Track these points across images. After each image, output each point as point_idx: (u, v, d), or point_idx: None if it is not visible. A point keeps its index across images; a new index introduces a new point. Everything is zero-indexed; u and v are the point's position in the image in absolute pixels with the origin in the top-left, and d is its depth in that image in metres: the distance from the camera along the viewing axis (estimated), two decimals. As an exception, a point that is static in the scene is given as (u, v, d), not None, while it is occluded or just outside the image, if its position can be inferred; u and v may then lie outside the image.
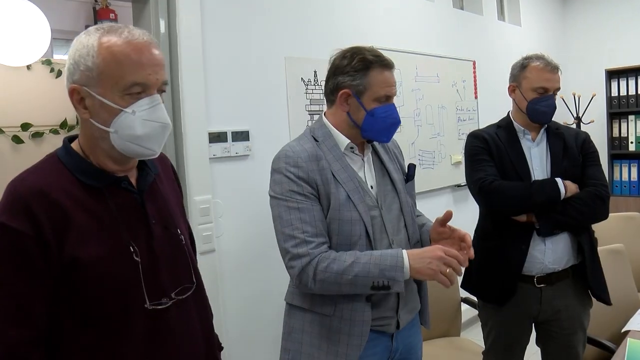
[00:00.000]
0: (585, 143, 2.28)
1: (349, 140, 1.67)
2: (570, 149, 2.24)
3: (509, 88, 2.30)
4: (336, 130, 1.68)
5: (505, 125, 2.31)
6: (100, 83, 1.12)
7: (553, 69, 2.19)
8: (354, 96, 1.63)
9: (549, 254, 2.15)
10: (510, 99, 2.33)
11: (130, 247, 1.17)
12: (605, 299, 2.22)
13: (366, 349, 1.63)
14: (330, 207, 1.60)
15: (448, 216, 1.67)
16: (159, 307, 1.20)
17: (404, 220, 1.74)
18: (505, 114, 2.38)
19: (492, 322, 2.33)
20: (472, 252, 1.61)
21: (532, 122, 2.23)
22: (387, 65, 1.64)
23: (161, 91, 1.19)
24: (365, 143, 1.73)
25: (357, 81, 1.62)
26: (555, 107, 2.22)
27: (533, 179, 2.18)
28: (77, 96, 1.14)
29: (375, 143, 1.77)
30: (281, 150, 1.66)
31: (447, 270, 1.50)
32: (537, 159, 2.23)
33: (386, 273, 1.50)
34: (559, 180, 2.12)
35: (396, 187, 1.74)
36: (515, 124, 2.29)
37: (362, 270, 1.51)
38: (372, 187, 1.70)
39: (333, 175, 1.62)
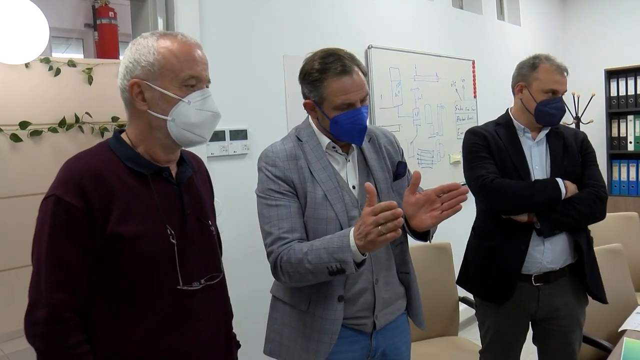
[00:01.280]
0: (584, 143, 2.28)
1: (330, 140, 1.68)
2: (570, 148, 2.23)
3: (516, 87, 2.26)
4: (318, 131, 1.70)
5: (504, 122, 2.29)
6: (160, 76, 1.27)
7: (563, 71, 2.18)
8: (316, 105, 1.64)
9: (548, 253, 2.15)
10: (511, 97, 2.32)
11: (168, 230, 1.29)
12: (601, 297, 2.22)
13: (344, 345, 1.65)
14: (307, 205, 1.62)
15: (417, 179, 1.56)
16: (190, 289, 1.32)
17: None
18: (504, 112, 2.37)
19: (490, 321, 2.32)
20: (463, 189, 1.52)
21: (539, 123, 2.21)
22: (342, 72, 1.58)
23: (207, 86, 1.34)
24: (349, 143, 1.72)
25: (314, 93, 1.63)
26: (564, 110, 2.20)
27: (533, 178, 2.18)
28: (136, 89, 1.28)
29: (363, 141, 1.74)
30: (264, 150, 1.70)
31: (380, 228, 1.34)
32: (537, 158, 2.23)
33: (335, 255, 1.44)
34: (559, 180, 2.11)
35: (377, 188, 1.69)
36: (515, 122, 2.27)
37: (314, 257, 1.48)
38: (354, 187, 1.69)
39: (312, 174, 1.64)
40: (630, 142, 5.14)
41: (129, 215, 1.24)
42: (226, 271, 2.56)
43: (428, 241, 1.71)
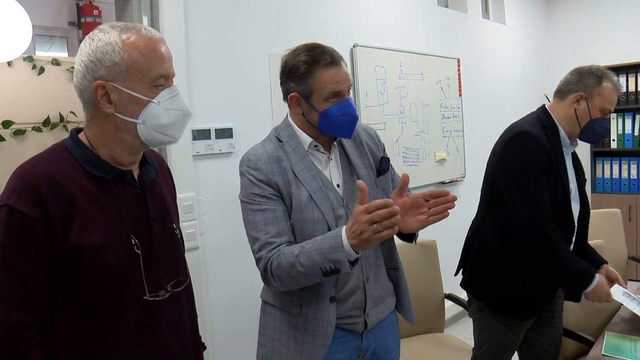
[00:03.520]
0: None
1: (312, 139, 1.66)
2: (580, 166, 2.22)
3: (573, 95, 2.10)
4: (300, 130, 1.67)
5: (550, 127, 2.11)
6: (128, 77, 1.17)
7: (618, 90, 2.10)
8: (303, 99, 1.61)
9: None
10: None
11: (132, 240, 1.22)
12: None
13: (335, 345, 1.64)
14: (292, 207, 1.60)
15: (405, 182, 1.53)
16: (157, 299, 1.25)
17: None
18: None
19: (495, 327, 2.19)
20: (451, 196, 1.51)
21: (582, 139, 2.13)
22: (331, 62, 1.58)
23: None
24: (331, 141, 1.70)
25: (302, 86, 1.59)
26: (609, 131, 2.13)
27: (571, 192, 2.09)
28: (101, 92, 1.18)
29: (344, 138, 1.73)
30: (245, 154, 1.67)
31: (376, 226, 1.34)
32: (570, 173, 2.14)
33: (328, 256, 1.43)
34: (597, 276, 2.02)
35: None
36: (561, 130, 2.12)
37: (307, 259, 1.47)
38: (338, 186, 1.68)
39: (295, 175, 1.61)
40: (614, 140, 5.20)
41: (90, 224, 1.15)
42: (212, 271, 2.58)
43: (413, 242, 1.71)
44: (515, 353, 2.31)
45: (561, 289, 2.20)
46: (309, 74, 1.57)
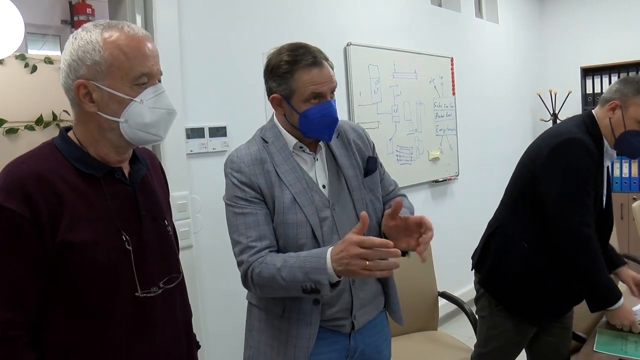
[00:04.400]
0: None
1: (296, 140, 1.64)
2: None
3: (609, 103, 2.03)
4: (284, 130, 1.65)
5: (595, 136, 2.03)
6: (109, 76, 1.17)
7: None
8: (284, 100, 1.59)
9: None
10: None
11: (122, 236, 1.21)
12: None
13: (323, 346, 1.63)
14: (275, 210, 1.59)
15: (398, 207, 1.55)
16: (148, 295, 1.24)
17: (358, 218, 1.64)
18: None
19: (504, 327, 2.17)
20: (430, 234, 1.53)
21: (617, 150, 2.05)
22: (313, 63, 1.55)
23: (159, 80, 1.25)
24: (317, 141, 1.67)
25: (283, 86, 1.57)
26: None
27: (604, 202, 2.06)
28: (83, 91, 1.17)
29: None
30: (229, 155, 1.66)
31: (369, 263, 1.34)
32: (605, 183, 2.09)
33: (310, 276, 1.42)
34: (620, 301, 1.96)
35: (348, 185, 1.68)
36: (605, 142, 2.05)
37: (288, 274, 1.46)
38: (324, 187, 1.66)
39: (279, 177, 1.59)
40: (606, 139, 5.23)
41: (79, 221, 1.15)
42: (206, 270, 2.58)
43: (407, 256, 1.65)
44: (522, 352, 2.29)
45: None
46: (290, 74, 1.55)
